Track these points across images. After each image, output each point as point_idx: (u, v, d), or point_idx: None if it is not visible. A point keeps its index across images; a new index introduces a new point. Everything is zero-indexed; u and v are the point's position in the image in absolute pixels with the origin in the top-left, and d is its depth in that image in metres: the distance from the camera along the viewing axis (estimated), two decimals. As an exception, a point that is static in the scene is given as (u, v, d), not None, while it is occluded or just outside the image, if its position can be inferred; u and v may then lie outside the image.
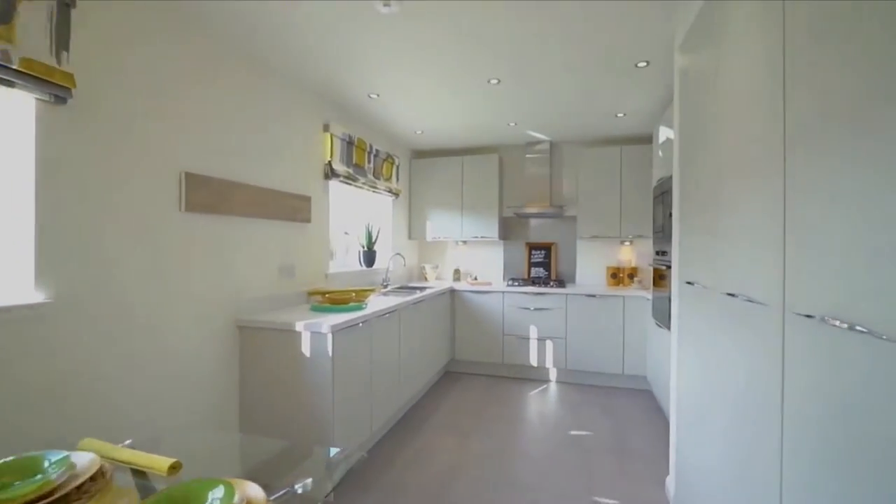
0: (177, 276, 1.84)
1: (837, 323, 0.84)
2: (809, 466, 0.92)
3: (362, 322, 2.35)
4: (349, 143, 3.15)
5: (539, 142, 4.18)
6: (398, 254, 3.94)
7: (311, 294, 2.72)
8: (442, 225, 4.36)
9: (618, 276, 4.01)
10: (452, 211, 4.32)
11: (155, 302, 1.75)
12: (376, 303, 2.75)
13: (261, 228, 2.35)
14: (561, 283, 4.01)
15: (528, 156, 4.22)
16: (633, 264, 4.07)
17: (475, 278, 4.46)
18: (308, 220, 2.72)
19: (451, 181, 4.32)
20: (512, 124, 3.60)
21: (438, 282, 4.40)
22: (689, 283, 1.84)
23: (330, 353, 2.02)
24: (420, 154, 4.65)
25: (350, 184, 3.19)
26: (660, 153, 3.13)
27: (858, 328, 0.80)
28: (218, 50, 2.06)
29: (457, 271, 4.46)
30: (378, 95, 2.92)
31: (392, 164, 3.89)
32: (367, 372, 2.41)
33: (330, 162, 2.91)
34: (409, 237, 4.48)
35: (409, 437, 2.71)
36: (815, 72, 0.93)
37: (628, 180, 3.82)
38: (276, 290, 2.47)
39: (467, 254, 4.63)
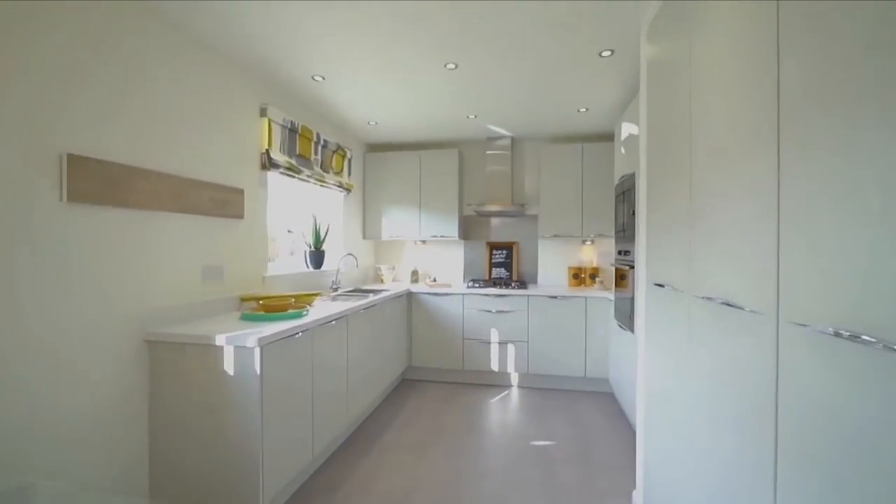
0: (57, 282, 1.48)
1: (844, 332, 0.70)
2: (815, 488, 0.77)
3: (302, 332, 2.06)
4: (292, 131, 2.83)
5: (500, 137, 4.02)
6: (350, 254, 3.65)
7: (244, 300, 2.39)
8: (399, 223, 4.11)
9: (579, 276, 3.93)
10: (410, 208, 4.07)
11: (24, 317, 1.39)
12: (321, 309, 2.46)
13: (178, 224, 2.01)
14: (523, 283, 3.87)
15: (488, 152, 4.05)
16: (594, 264, 4.01)
17: (434, 280, 4.24)
18: (240, 216, 2.38)
19: (408, 177, 4.08)
20: (472, 117, 3.40)
21: (395, 284, 4.14)
22: (658, 284, 1.70)
23: (258, 371, 1.73)
24: (374, 147, 4.37)
25: (293, 176, 2.87)
26: (622, 150, 3.04)
27: (865, 338, 0.66)
28: (122, 9, 1.70)
29: (415, 272, 4.22)
30: (323, 78, 2.62)
31: (343, 156, 3.59)
32: (308, 388, 2.12)
33: (268, 151, 2.58)
34: (364, 236, 4.19)
35: (357, 457, 2.44)
36: (815, 44, 0.78)
37: (590, 178, 3.74)
38: (199, 297, 2.13)
39: (426, 254, 4.40)
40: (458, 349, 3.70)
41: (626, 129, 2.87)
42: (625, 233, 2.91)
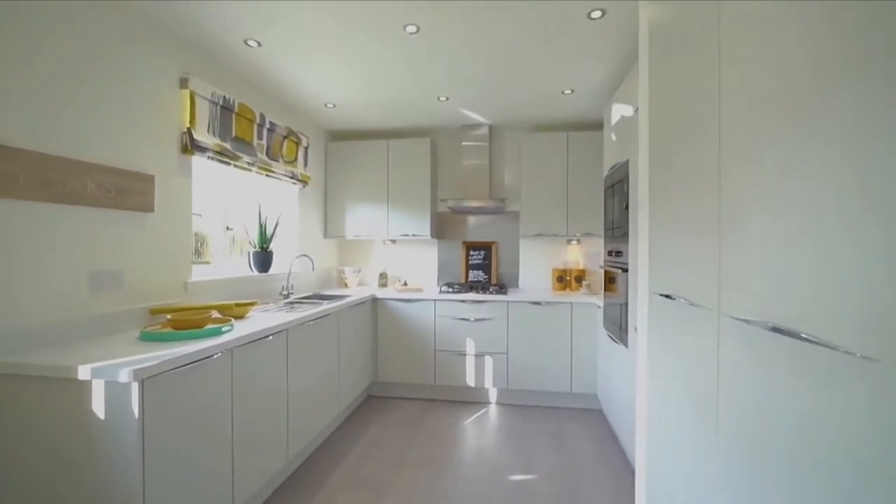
0: None
1: None
2: None
3: (219, 353, 1.62)
4: (225, 109, 2.37)
5: (477, 125, 3.62)
6: (304, 255, 3.20)
7: (154, 313, 1.93)
8: (365, 221, 3.67)
9: (564, 279, 3.56)
10: (377, 204, 3.64)
11: None
12: (257, 321, 2.03)
13: (49, 217, 1.54)
14: (502, 287, 3.47)
15: (464, 142, 3.65)
16: (580, 266, 3.64)
17: (405, 283, 3.81)
18: (149, 209, 1.92)
19: (375, 168, 3.64)
20: (443, 99, 2.99)
21: (361, 288, 3.71)
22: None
23: (136, 413, 1.28)
24: (337, 136, 3.92)
25: (228, 163, 2.41)
26: (612, 136, 2.68)
27: None
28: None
29: (383, 275, 3.79)
30: (259, 43, 2.17)
31: (296, 143, 3.14)
32: (226, 426, 1.68)
33: (190, 130, 2.12)
34: (325, 235, 3.73)
35: (299, 502, 2.00)
36: None
37: (576, 171, 3.37)
38: (84, 312, 1.66)
39: (396, 255, 3.97)
40: (429, 362, 3.29)
41: (618, 111, 2.51)
42: (615, 231, 2.54)
